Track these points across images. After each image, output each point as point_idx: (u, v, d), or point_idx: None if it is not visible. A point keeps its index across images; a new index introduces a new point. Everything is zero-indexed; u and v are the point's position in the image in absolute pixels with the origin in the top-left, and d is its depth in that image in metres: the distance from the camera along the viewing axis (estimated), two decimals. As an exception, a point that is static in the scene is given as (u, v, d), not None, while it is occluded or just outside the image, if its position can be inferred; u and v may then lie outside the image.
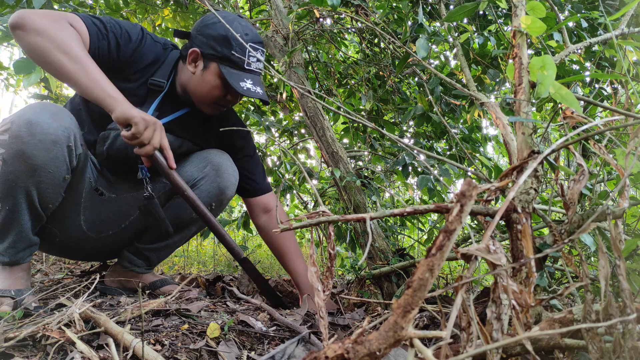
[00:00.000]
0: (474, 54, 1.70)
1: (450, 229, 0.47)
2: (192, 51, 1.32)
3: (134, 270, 1.45)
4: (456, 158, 1.89)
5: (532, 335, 0.43)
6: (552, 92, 0.74)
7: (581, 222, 0.74)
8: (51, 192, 1.16)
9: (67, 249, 1.39)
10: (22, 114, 1.09)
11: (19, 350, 0.83)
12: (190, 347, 0.91)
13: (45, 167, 1.10)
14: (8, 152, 1.06)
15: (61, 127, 1.12)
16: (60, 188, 1.18)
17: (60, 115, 1.13)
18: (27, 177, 1.09)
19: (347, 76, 2.57)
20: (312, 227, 0.74)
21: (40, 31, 1.09)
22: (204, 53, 1.31)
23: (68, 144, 1.14)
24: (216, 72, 1.30)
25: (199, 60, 1.32)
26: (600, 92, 1.64)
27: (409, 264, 1.46)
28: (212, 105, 1.37)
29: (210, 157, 1.43)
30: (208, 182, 1.40)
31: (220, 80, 1.31)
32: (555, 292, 0.92)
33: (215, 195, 1.42)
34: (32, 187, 1.11)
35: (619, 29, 1.04)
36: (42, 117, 1.09)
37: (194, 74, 1.33)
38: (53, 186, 1.15)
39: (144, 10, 2.81)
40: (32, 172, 1.09)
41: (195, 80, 1.33)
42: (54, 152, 1.11)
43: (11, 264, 1.15)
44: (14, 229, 1.13)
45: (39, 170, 1.10)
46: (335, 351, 0.43)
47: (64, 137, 1.12)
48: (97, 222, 1.36)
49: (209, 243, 3.55)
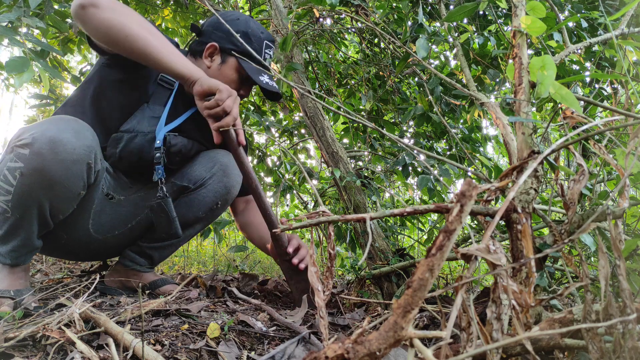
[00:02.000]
0: (474, 54, 1.70)
1: (450, 229, 0.47)
2: (211, 45, 1.35)
3: (135, 269, 1.45)
4: (456, 158, 1.89)
5: (532, 335, 0.43)
6: (552, 92, 0.74)
7: (581, 222, 0.74)
8: (64, 205, 1.16)
9: (71, 250, 1.39)
10: (45, 130, 1.07)
11: (19, 350, 0.83)
12: (190, 347, 0.91)
13: (62, 183, 1.10)
14: (27, 167, 1.05)
15: (84, 146, 1.11)
16: (74, 202, 1.18)
17: (83, 134, 1.13)
18: (42, 191, 1.08)
19: (347, 76, 2.57)
20: (312, 227, 0.74)
21: (114, 8, 1.10)
22: (222, 48, 1.34)
23: (88, 161, 1.14)
24: (235, 67, 1.35)
25: (216, 55, 1.36)
26: (600, 92, 1.64)
27: (409, 264, 1.46)
28: None
29: (217, 157, 1.45)
30: (216, 181, 1.42)
31: (237, 74, 1.36)
32: (555, 292, 0.92)
33: (221, 195, 1.44)
34: (45, 201, 1.11)
35: (619, 29, 1.04)
36: (65, 135, 1.08)
37: (210, 69, 1.36)
38: (67, 200, 1.15)
39: (144, 10, 2.81)
40: (48, 188, 1.08)
41: (211, 74, 1.35)
42: (73, 170, 1.10)
43: (12, 265, 1.15)
44: (20, 235, 1.13)
45: (56, 186, 1.09)
46: (335, 351, 0.43)
47: (85, 156, 1.12)
48: (105, 224, 1.36)
49: (209, 243, 3.55)
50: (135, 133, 1.29)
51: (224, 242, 3.34)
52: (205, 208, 1.43)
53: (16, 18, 1.43)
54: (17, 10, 1.45)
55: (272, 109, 2.84)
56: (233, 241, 3.55)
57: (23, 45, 1.38)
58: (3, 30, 1.38)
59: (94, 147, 1.15)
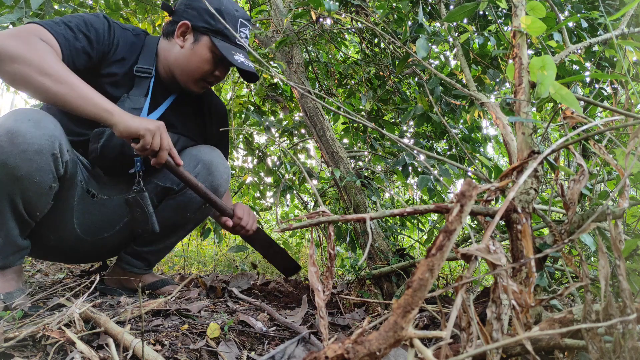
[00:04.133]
0: (474, 54, 1.70)
1: (450, 229, 0.47)
2: (182, 24, 1.31)
3: (133, 272, 1.44)
4: (456, 158, 1.89)
5: (532, 335, 0.44)
6: (552, 92, 0.74)
7: (581, 222, 0.74)
8: (37, 200, 1.12)
9: (62, 252, 1.38)
10: (3, 122, 1.04)
11: (19, 350, 0.83)
12: (190, 347, 0.91)
13: (30, 177, 1.06)
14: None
15: (45, 135, 1.07)
16: (47, 196, 1.15)
17: (43, 123, 1.08)
18: (9, 186, 1.05)
19: (347, 76, 2.57)
20: (312, 227, 0.74)
21: (14, 57, 1.02)
22: (195, 26, 1.30)
23: (53, 152, 1.09)
24: (208, 45, 1.30)
25: (189, 34, 1.32)
26: (600, 92, 1.64)
27: (409, 264, 1.46)
28: (199, 82, 1.36)
29: (200, 155, 1.41)
30: (200, 180, 1.37)
31: (211, 53, 1.31)
32: (555, 292, 0.92)
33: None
34: (16, 196, 1.08)
35: (619, 29, 1.04)
36: (23, 125, 1.04)
37: (183, 48, 1.32)
38: (39, 195, 1.11)
39: (144, 10, 2.81)
40: (14, 182, 1.05)
41: (184, 54, 1.32)
42: (38, 162, 1.06)
43: (1, 267, 1.13)
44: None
45: (23, 180, 1.06)
46: (335, 351, 0.43)
47: (48, 145, 1.07)
48: (91, 225, 1.34)
49: (209, 243, 3.55)
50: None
51: (224, 242, 3.34)
52: (193, 208, 1.41)
53: (17, 19, 1.43)
54: (19, 11, 1.46)
55: (272, 109, 2.84)
56: (233, 241, 3.55)
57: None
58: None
59: (56, 136, 1.10)
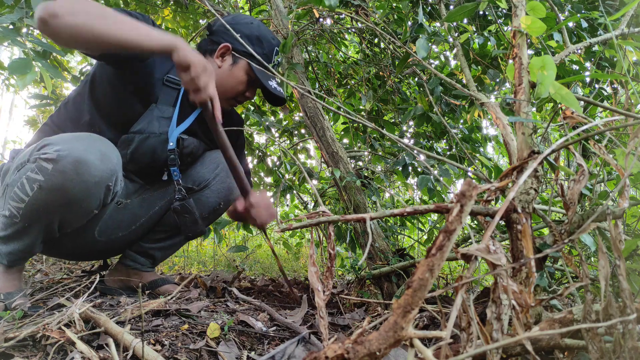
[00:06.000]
0: (474, 54, 1.70)
1: (450, 229, 0.47)
2: (224, 46, 1.37)
3: (136, 269, 1.45)
4: (456, 158, 1.89)
5: (532, 335, 0.44)
6: (552, 92, 0.74)
7: (581, 222, 0.74)
8: (75, 221, 1.17)
9: (73, 252, 1.39)
10: (72, 148, 1.05)
11: (19, 350, 0.83)
12: (190, 347, 0.91)
13: (79, 202, 1.10)
14: (47, 182, 1.03)
15: (107, 169, 1.11)
16: (86, 218, 1.19)
17: (108, 156, 1.12)
18: (58, 208, 1.08)
19: (347, 76, 2.57)
20: (312, 227, 0.74)
21: (73, 11, 1.05)
22: (235, 49, 1.37)
23: (108, 183, 1.13)
24: (245, 69, 1.38)
25: (228, 55, 1.39)
26: (600, 92, 1.64)
27: (409, 264, 1.46)
28: (230, 100, 1.44)
29: (220, 159, 1.46)
30: (219, 182, 1.44)
31: (247, 76, 1.39)
32: (555, 292, 0.92)
33: (224, 196, 1.45)
34: (58, 216, 1.11)
35: (619, 29, 1.04)
36: (91, 157, 1.07)
37: (220, 68, 1.38)
38: (79, 217, 1.16)
39: (144, 10, 2.81)
40: (64, 205, 1.08)
41: (221, 74, 1.38)
42: (93, 191, 1.11)
43: (7, 266, 1.14)
44: (23, 240, 1.12)
45: (73, 205, 1.09)
46: (335, 351, 0.43)
47: (107, 179, 1.12)
48: (109, 228, 1.36)
49: (209, 243, 3.55)
50: (146, 134, 1.28)
51: (224, 242, 3.34)
52: (208, 209, 1.43)
53: (18, 19, 1.43)
54: (19, 11, 1.45)
55: (272, 109, 2.84)
56: (233, 241, 3.56)
57: (24, 46, 1.38)
58: (6, 32, 1.38)
59: (116, 170, 1.15)
